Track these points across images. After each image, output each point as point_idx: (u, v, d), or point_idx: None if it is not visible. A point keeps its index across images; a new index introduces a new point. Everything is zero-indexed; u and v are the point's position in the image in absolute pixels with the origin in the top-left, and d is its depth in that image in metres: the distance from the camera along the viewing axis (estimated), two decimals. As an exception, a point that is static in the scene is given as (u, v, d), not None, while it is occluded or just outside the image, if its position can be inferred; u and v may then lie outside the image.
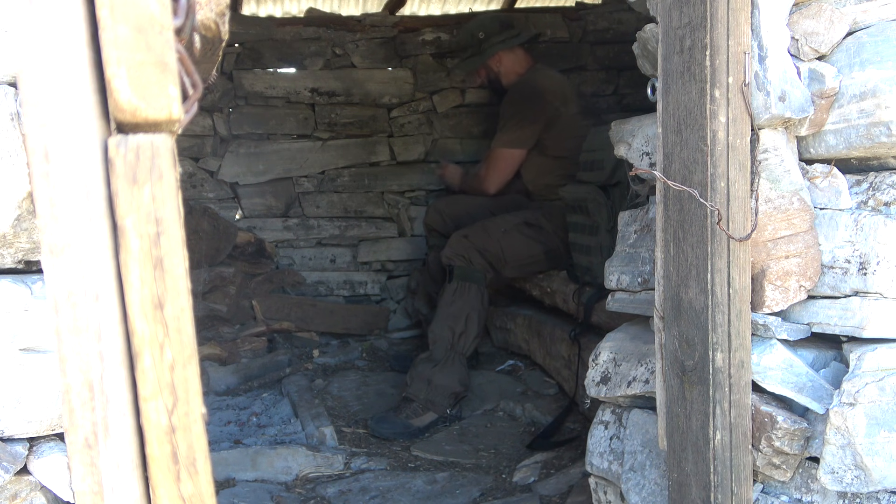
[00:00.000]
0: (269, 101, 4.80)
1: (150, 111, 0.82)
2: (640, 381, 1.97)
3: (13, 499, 1.18)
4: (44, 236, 0.83)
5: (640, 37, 1.89)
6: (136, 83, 0.81)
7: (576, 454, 2.87)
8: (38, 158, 0.82)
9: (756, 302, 1.60)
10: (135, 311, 0.84)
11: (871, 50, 1.52)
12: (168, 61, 0.82)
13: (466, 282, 3.66)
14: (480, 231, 3.76)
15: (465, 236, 3.75)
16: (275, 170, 4.83)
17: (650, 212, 2.03)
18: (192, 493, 0.88)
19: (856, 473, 1.47)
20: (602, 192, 3.16)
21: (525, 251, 3.74)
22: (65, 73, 0.81)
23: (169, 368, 0.86)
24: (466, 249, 3.70)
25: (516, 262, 3.76)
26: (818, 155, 1.63)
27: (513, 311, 4.06)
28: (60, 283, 0.83)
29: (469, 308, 3.61)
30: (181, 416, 0.87)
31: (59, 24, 0.81)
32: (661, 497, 1.87)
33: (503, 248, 3.71)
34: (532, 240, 3.74)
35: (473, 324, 3.60)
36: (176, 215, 0.85)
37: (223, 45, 1.27)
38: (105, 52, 0.81)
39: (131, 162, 0.82)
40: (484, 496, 2.79)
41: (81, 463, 0.86)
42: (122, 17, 0.80)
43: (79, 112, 0.82)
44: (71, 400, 0.85)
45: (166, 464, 0.87)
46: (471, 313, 3.60)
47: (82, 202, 0.82)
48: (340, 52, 4.87)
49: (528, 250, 3.74)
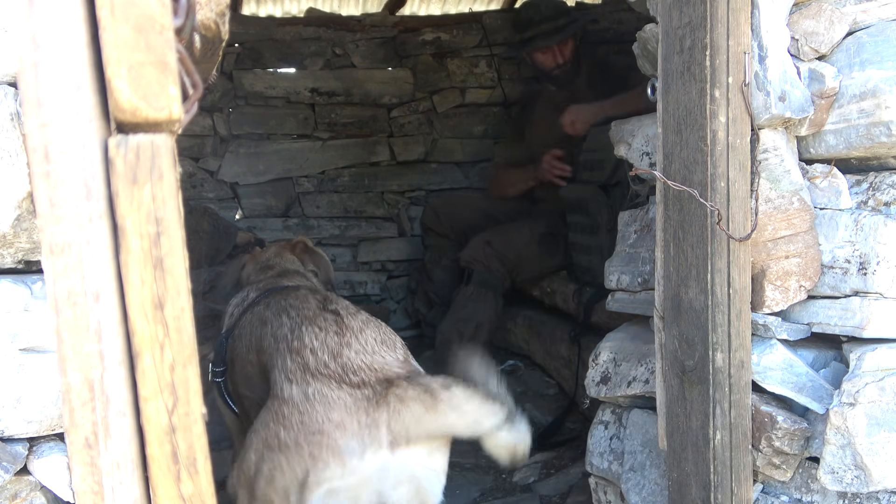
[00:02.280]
0: (269, 101, 4.80)
1: (151, 111, 0.82)
2: (640, 381, 1.97)
3: (13, 499, 1.18)
4: (44, 236, 0.83)
5: (640, 37, 1.89)
6: (137, 83, 0.81)
7: (576, 454, 2.87)
8: (38, 158, 0.82)
9: (756, 302, 1.60)
10: (135, 311, 0.84)
11: (871, 50, 1.52)
12: (168, 61, 0.82)
13: (484, 288, 3.65)
14: (503, 239, 3.72)
15: (487, 242, 3.71)
16: (275, 170, 4.83)
17: (650, 212, 2.03)
18: (193, 493, 0.88)
19: (856, 473, 1.47)
20: (602, 192, 3.15)
21: (541, 265, 3.72)
22: (65, 73, 0.81)
23: (169, 368, 0.86)
24: (487, 256, 3.68)
25: (531, 274, 3.75)
26: (818, 155, 1.63)
27: (513, 311, 4.05)
28: (60, 283, 0.83)
29: (481, 315, 3.61)
30: (181, 416, 0.87)
31: (59, 25, 0.81)
32: (661, 497, 1.87)
33: (522, 259, 3.69)
34: (550, 253, 3.70)
35: (483, 331, 3.61)
36: (176, 215, 0.85)
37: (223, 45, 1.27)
38: (105, 52, 0.81)
39: (131, 162, 0.82)
40: (484, 496, 2.79)
41: (81, 463, 0.86)
42: (122, 18, 0.80)
43: (79, 112, 0.82)
44: (71, 400, 0.85)
45: (166, 464, 0.87)
46: (482, 321, 3.60)
47: (82, 202, 0.82)
48: (340, 52, 4.87)
49: (545, 263, 3.72)
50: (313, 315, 1.87)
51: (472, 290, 3.65)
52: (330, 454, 1.56)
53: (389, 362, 1.72)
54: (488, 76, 4.97)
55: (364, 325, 1.82)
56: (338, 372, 1.67)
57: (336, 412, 1.60)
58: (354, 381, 1.65)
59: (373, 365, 1.69)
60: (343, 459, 1.56)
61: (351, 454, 1.56)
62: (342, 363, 1.69)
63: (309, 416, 1.61)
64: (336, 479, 1.56)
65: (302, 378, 1.68)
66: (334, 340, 1.74)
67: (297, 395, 1.66)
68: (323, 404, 1.61)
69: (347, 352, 1.71)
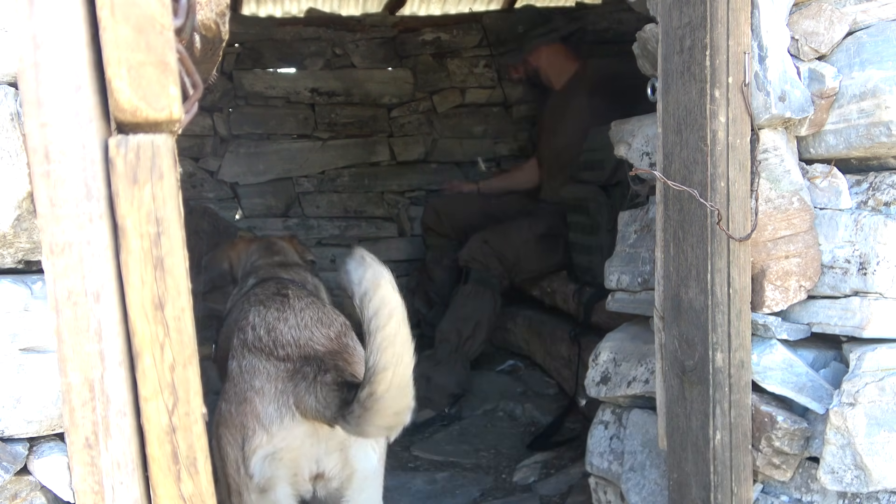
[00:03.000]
0: (269, 101, 4.80)
1: (151, 111, 0.82)
2: (640, 381, 1.97)
3: (13, 499, 1.18)
4: (44, 236, 0.83)
5: (640, 37, 1.89)
6: (137, 83, 0.81)
7: (576, 454, 2.87)
8: (38, 158, 0.82)
9: (756, 302, 1.60)
10: (135, 311, 0.84)
11: (870, 50, 1.52)
12: (168, 61, 0.82)
13: (482, 286, 3.65)
14: (501, 237, 3.72)
15: (485, 241, 3.72)
16: (275, 170, 4.82)
17: (650, 212, 2.03)
18: (193, 493, 0.88)
19: (856, 473, 1.47)
20: (602, 192, 3.15)
21: (540, 264, 3.72)
22: (65, 74, 0.81)
23: (169, 368, 0.86)
24: (485, 255, 3.68)
25: (529, 274, 3.75)
26: (818, 155, 1.63)
27: (513, 311, 4.05)
28: (60, 283, 0.83)
29: (480, 313, 3.61)
30: (181, 416, 0.87)
31: (59, 25, 0.81)
32: (661, 497, 1.87)
33: (520, 258, 3.69)
34: (549, 252, 3.70)
35: (482, 329, 3.61)
36: (176, 215, 0.85)
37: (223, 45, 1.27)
38: (105, 52, 0.81)
39: (132, 162, 0.82)
40: (484, 496, 2.79)
41: (82, 463, 0.86)
42: (122, 18, 0.80)
43: (79, 112, 0.82)
44: (71, 400, 0.85)
45: (167, 464, 0.87)
46: (481, 319, 3.61)
47: (82, 202, 0.82)
48: (340, 52, 4.87)
49: (542, 263, 3.71)
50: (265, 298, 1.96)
51: (470, 289, 3.65)
52: (255, 421, 1.64)
53: (316, 338, 1.77)
54: (488, 76, 4.97)
55: (307, 306, 1.89)
56: (269, 346, 1.75)
57: (258, 380, 1.68)
58: (280, 355, 1.72)
59: (299, 340, 1.76)
60: (265, 425, 1.63)
61: (271, 421, 1.63)
62: (274, 337, 1.76)
63: (240, 387, 1.70)
64: (266, 445, 1.63)
65: (240, 353, 1.77)
66: (273, 316, 1.82)
67: (235, 368, 1.75)
68: (251, 374, 1.70)
69: (281, 326, 1.79)
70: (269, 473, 1.64)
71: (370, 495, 1.77)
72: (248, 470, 1.64)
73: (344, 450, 1.70)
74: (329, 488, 1.73)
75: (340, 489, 1.73)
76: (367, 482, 1.75)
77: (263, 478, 1.64)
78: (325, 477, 1.71)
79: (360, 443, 1.70)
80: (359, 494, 1.74)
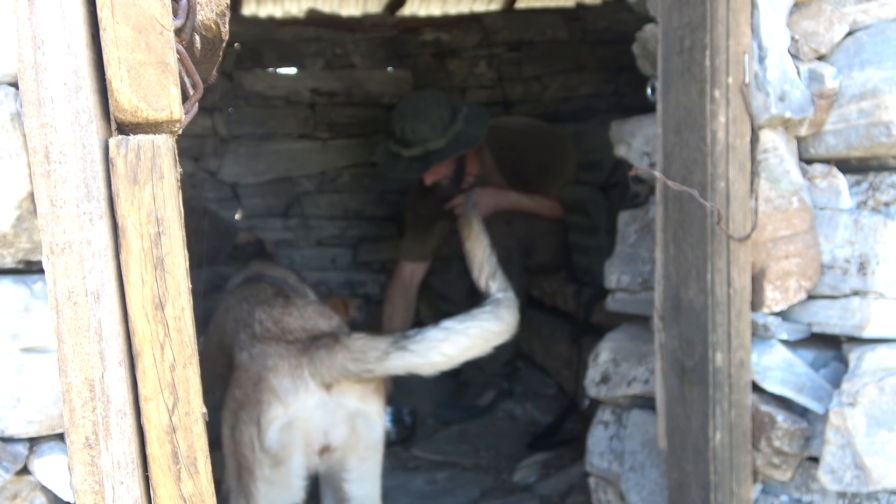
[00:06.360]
0: (270, 101, 4.80)
1: (151, 111, 0.82)
2: (640, 381, 1.97)
3: (13, 499, 1.18)
4: (44, 236, 0.83)
5: (640, 37, 1.89)
6: (137, 83, 0.81)
7: (576, 454, 2.87)
8: (38, 159, 0.83)
9: (756, 302, 1.60)
10: (135, 310, 0.84)
11: (870, 50, 1.52)
12: (168, 62, 0.82)
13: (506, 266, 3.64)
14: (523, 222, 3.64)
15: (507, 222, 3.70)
16: (275, 170, 4.82)
17: (650, 212, 2.03)
18: (193, 493, 0.89)
19: (855, 473, 1.47)
20: (601, 193, 3.15)
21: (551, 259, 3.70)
22: (65, 74, 0.81)
23: (169, 368, 0.86)
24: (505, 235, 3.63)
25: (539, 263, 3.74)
26: (818, 155, 1.63)
27: (513, 311, 4.05)
28: (61, 283, 0.83)
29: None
30: (182, 415, 0.87)
31: (59, 25, 0.81)
32: (661, 497, 1.87)
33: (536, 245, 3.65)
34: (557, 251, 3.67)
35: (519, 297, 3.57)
36: (176, 215, 0.85)
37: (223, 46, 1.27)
38: (106, 52, 0.81)
39: (132, 162, 0.82)
40: (484, 496, 2.79)
41: (82, 463, 0.86)
42: (122, 18, 0.80)
43: (79, 112, 0.82)
44: (72, 400, 0.85)
45: (167, 464, 0.87)
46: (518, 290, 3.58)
47: (83, 202, 0.83)
48: (340, 52, 4.87)
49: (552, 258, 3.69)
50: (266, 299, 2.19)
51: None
52: (271, 395, 1.79)
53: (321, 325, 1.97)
54: (488, 76, 4.97)
55: (307, 304, 2.10)
56: (277, 333, 1.93)
57: (271, 360, 1.83)
58: (290, 339, 1.90)
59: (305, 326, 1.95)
60: (280, 397, 1.78)
61: (286, 392, 1.78)
62: (282, 326, 1.95)
63: (253, 371, 1.84)
64: (282, 417, 1.78)
65: (249, 344, 1.94)
66: (278, 311, 2.02)
67: (246, 358, 1.91)
68: (262, 357, 1.86)
69: (288, 318, 1.98)
70: (286, 441, 1.78)
71: (371, 466, 1.93)
72: (263, 444, 1.77)
73: (351, 420, 1.85)
74: (332, 460, 1.88)
75: (343, 460, 1.88)
76: (369, 452, 1.90)
77: (280, 447, 1.78)
78: (332, 448, 1.85)
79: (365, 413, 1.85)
80: (362, 464, 1.90)
